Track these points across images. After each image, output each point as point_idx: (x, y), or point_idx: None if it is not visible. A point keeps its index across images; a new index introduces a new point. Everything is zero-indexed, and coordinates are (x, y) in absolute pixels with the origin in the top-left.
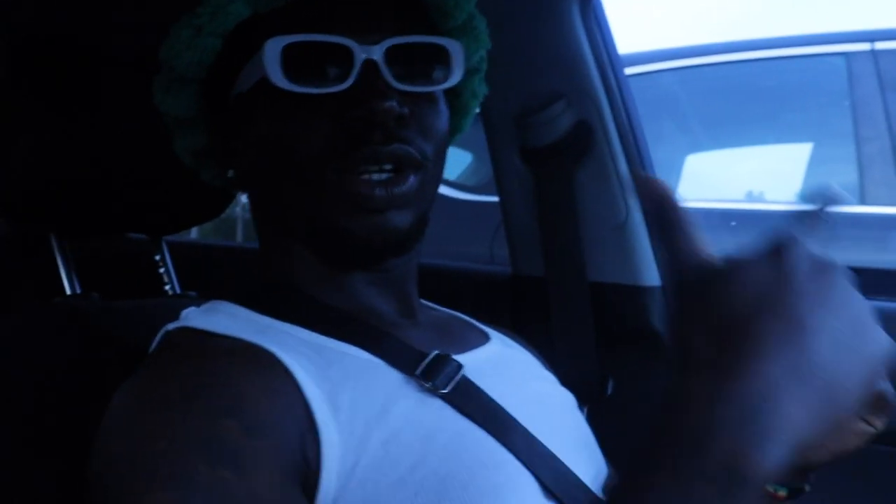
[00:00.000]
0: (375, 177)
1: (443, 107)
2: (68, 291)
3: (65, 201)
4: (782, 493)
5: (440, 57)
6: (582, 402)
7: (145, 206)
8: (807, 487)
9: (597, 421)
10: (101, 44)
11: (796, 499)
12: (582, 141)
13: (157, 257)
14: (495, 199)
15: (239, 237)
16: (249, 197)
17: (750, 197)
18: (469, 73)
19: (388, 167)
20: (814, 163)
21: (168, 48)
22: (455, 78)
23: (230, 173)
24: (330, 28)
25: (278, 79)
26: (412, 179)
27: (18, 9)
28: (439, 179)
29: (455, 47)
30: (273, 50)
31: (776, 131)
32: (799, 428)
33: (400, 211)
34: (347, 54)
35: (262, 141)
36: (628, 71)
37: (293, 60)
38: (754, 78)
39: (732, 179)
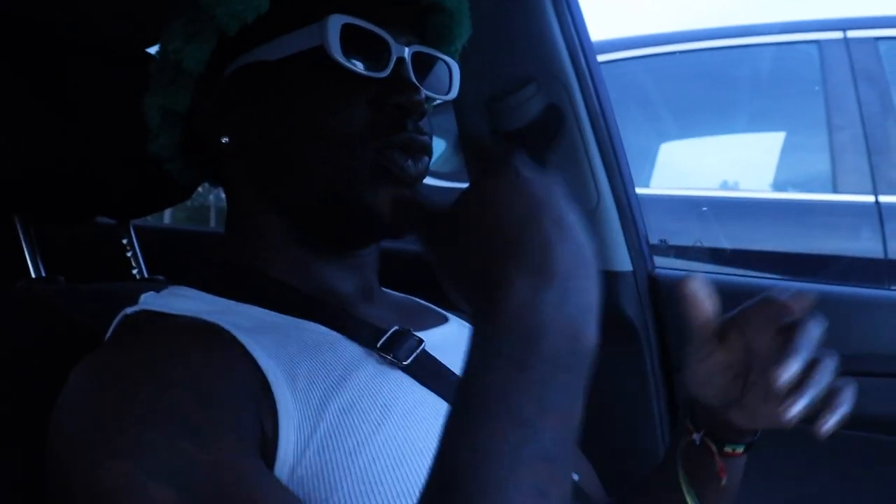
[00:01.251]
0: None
1: None
2: (33, 275)
3: (30, 184)
4: (739, 450)
5: (443, 71)
6: None
7: (112, 189)
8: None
9: None
10: (70, 29)
11: (751, 455)
12: (553, 124)
13: (125, 241)
14: (464, 185)
15: (212, 224)
16: (231, 170)
17: (724, 186)
18: None
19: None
20: (787, 151)
21: None
22: (454, 93)
23: (224, 139)
24: (374, 20)
25: (337, 52)
26: (426, 160)
27: None
28: None
29: (455, 67)
30: (335, 25)
31: (749, 120)
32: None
33: (410, 190)
34: (386, 48)
35: (289, 109)
36: (599, 58)
37: (343, 40)
38: (727, 66)
39: (706, 168)
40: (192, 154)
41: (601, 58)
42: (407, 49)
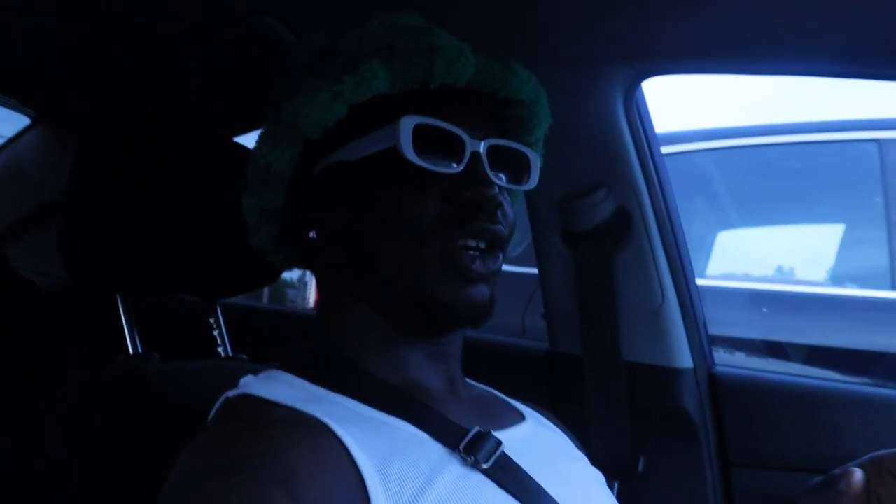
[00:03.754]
0: (473, 251)
1: (509, 199)
2: (131, 350)
3: (132, 265)
4: None
5: (522, 162)
6: (613, 477)
7: (204, 270)
8: None
9: (627, 497)
10: (171, 118)
11: None
12: (621, 227)
13: (212, 320)
14: (527, 270)
15: (265, 300)
16: (319, 262)
17: (780, 273)
18: None
19: (483, 245)
20: (845, 244)
21: (298, 106)
22: (533, 182)
23: (311, 234)
24: (449, 118)
25: (409, 152)
26: (500, 257)
27: (100, 81)
28: None
29: (534, 157)
30: (407, 126)
31: (807, 212)
32: None
33: (486, 285)
34: (460, 143)
35: (367, 206)
36: (667, 150)
37: (417, 139)
38: (788, 161)
39: (762, 256)
40: (289, 247)
41: (668, 149)
42: (482, 143)
